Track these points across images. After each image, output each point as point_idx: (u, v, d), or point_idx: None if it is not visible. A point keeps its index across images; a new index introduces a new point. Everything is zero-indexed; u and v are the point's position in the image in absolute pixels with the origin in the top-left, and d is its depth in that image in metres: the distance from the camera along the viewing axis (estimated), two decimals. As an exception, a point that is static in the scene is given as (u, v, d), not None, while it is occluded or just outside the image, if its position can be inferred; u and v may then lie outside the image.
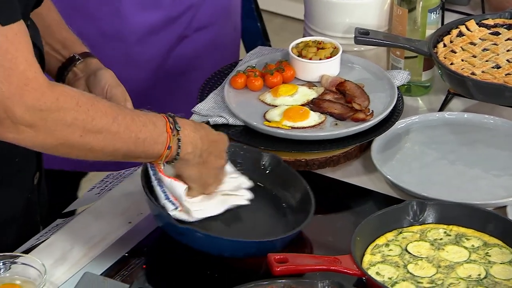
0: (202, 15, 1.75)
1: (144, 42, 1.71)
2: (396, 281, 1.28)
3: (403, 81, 1.64)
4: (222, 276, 1.31)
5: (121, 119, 1.24)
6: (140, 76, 1.73)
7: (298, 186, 1.41)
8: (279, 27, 3.56)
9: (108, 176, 1.53)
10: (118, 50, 1.69)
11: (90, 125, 1.20)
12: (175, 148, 1.28)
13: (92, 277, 1.22)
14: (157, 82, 1.75)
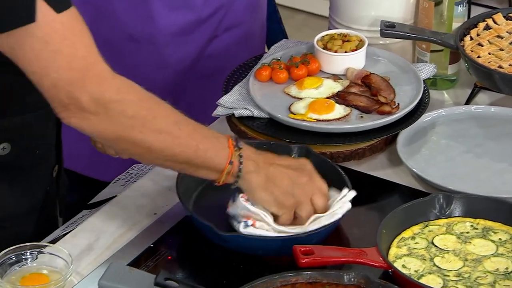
0: (232, 14, 1.75)
1: (175, 44, 1.71)
2: (422, 274, 1.28)
3: (429, 74, 1.64)
4: (247, 267, 1.32)
5: (183, 125, 1.24)
6: (171, 77, 1.73)
7: (332, 175, 1.40)
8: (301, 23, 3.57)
9: (133, 167, 1.55)
10: (149, 53, 1.69)
11: (151, 123, 1.21)
12: (237, 164, 1.27)
13: (119, 267, 1.23)
14: (188, 83, 1.75)
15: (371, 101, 1.57)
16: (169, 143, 1.22)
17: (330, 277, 1.25)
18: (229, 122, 1.60)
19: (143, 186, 1.48)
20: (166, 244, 1.36)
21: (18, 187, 1.38)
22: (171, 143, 1.22)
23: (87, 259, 1.34)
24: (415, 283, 1.25)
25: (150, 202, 1.45)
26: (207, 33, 1.72)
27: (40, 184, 1.42)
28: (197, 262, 1.34)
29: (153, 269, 1.31)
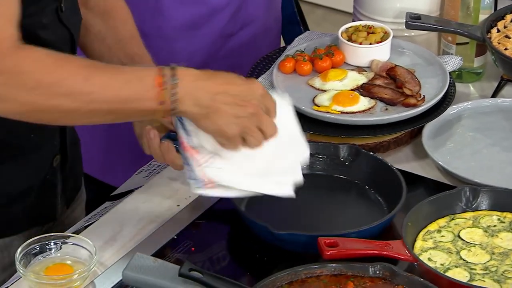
0: (246, 9, 1.74)
1: (185, 38, 1.70)
2: (448, 267, 1.28)
3: (455, 66, 1.64)
4: (271, 259, 1.33)
5: (96, 79, 1.18)
6: None
7: (384, 171, 1.41)
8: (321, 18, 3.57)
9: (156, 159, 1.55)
10: (160, 48, 1.68)
11: (57, 88, 1.16)
12: (169, 102, 1.19)
13: (143, 258, 1.24)
14: None
15: (396, 93, 1.57)
16: (82, 102, 1.17)
17: (355, 270, 1.25)
18: (252, 114, 1.60)
19: (166, 177, 1.49)
20: (189, 236, 1.37)
21: (11, 169, 1.36)
22: (83, 101, 1.17)
23: (110, 250, 1.35)
24: (442, 276, 1.25)
25: (173, 193, 1.46)
26: (219, 28, 1.71)
27: (37, 171, 1.40)
28: (220, 253, 1.35)
29: (177, 260, 1.32)
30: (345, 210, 1.41)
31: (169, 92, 1.20)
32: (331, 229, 1.36)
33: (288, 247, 1.32)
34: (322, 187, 1.45)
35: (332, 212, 1.41)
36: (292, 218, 1.39)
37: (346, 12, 3.29)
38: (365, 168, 1.45)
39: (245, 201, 1.40)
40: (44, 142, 1.39)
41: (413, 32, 1.72)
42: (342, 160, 1.46)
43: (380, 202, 1.41)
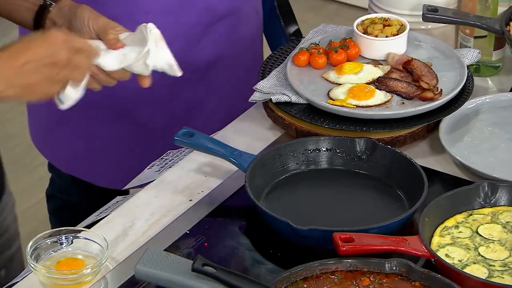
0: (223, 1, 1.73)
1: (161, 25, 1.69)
2: (466, 264, 1.28)
3: (473, 60, 1.64)
4: (285, 255, 1.33)
5: None
6: None
7: (403, 165, 1.42)
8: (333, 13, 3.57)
9: (167, 153, 1.56)
10: None
11: None
12: None
13: (155, 253, 1.24)
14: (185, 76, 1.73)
15: (413, 87, 1.56)
16: None
17: (371, 265, 1.25)
18: (265, 108, 1.60)
19: (178, 172, 1.50)
20: (202, 231, 1.37)
21: None
22: None
23: (122, 245, 1.36)
24: (460, 272, 1.25)
25: (185, 188, 1.46)
26: (195, 16, 1.67)
27: None
28: (233, 249, 1.35)
29: (189, 255, 1.32)
30: (364, 205, 1.41)
31: None
32: (351, 224, 1.35)
33: (308, 242, 1.32)
34: (339, 182, 1.45)
35: (351, 207, 1.41)
36: (310, 214, 1.40)
37: (359, 7, 3.29)
38: (383, 161, 1.45)
39: (262, 197, 1.41)
40: None
41: (430, 24, 1.72)
42: (359, 154, 1.46)
43: (400, 197, 1.41)
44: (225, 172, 1.48)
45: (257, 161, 1.43)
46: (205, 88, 1.73)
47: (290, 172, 1.46)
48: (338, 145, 1.47)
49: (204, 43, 1.70)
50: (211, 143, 1.46)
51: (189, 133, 1.47)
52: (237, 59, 1.75)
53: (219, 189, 1.46)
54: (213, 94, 1.74)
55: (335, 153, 1.47)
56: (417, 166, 1.41)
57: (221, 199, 1.43)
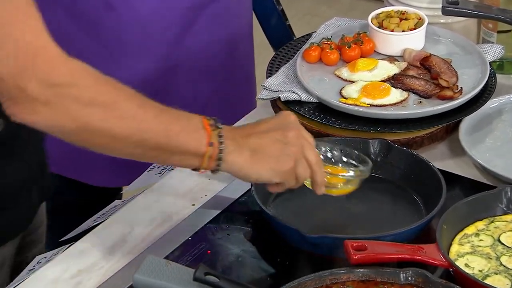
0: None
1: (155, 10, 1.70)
2: (487, 274, 1.28)
3: (496, 56, 1.63)
4: (294, 263, 1.33)
5: (148, 108, 1.21)
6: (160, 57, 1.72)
7: (419, 168, 1.41)
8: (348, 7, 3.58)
9: (169, 155, 1.55)
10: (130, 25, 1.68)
11: (112, 109, 1.18)
12: (217, 146, 1.23)
13: (155, 261, 1.24)
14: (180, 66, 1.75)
15: (431, 85, 1.56)
16: (134, 128, 1.20)
17: (385, 275, 1.25)
18: (274, 106, 1.60)
19: (180, 175, 1.49)
20: (205, 238, 1.37)
21: (16, 162, 1.39)
22: (136, 128, 1.20)
23: (120, 252, 1.36)
24: (480, 283, 1.24)
25: (187, 192, 1.46)
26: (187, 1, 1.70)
27: (34, 156, 1.43)
28: (238, 257, 1.35)
29: (191, 264, 1.32)
30: (378, 211, 1.41)
31: (216, 134, 1.24)
32: (364, 232, 1.36)
33: (318, 251, 1.32)
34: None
35: (364, 213, 1.41)
36: (320, 220, 1.40)
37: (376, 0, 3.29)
38: (398, 164, 1.44)
39: (270, 202, 1.41)
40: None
41: (450, 18, 1.72)
42: (373, 157, 1.46)
43: (417, 202, 1.41)
44: (230, 175, 1.44)
45: None
46: (200, 75, 1.75)
47: (299, 175, 1.46)
48: (351, 147, 1.46)
49: (198, 26, 1.71)
50: (215, 144, 1.46)
51: None
52: (231, 43, 1.75)
53: (224, 193, 1.46)
54: (210, 81, 1.75)
55: (345, 154, 1.45)
56: (435, 170, 1.41)
57: (225, 204, 1.43)
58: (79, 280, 1.31)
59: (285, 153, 1.28)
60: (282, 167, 1.27)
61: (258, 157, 1.26)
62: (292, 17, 2.06)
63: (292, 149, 1.28)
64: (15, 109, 1.16)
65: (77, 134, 1.19)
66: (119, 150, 1.22)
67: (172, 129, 1.22)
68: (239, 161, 1.25)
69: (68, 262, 1.34)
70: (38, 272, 1.33)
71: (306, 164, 1.29)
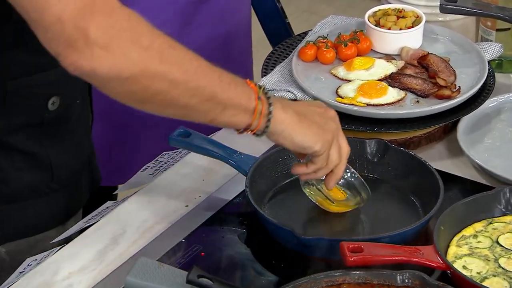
0: None
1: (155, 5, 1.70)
2: (485, 276, 1.27)
3: (494, 54, 1.63)
4: (289, 266, 1.33)
5: (200, 58, 1.22)
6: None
7: (417, 169, 1.41)
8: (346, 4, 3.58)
9: (162, 155, 1.55)
10: None
11: (170, 53, 1.18)
12: (265, 101, 1.24)
13: (147, 263, 1.24)
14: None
15: (429, 84, 1.56)
16: (192, 72, 1.20)
17: (381, 278, 1.24)
18: (269, 106, 1.60)
19: (174, 175, 1.49)
20: (198, 239, 1.37)
21: (69, 143, 1.42)
22: (194, 72, 1.20)
23: (111, 254, 1.35)
24: (478, 286, 1.24)
25: (181, 193, 1.46)
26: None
27: (86, 138, 1.46)
28: (232, 259, 1.35)
29: (184, 266, 1.32)
30: (374, 212, 1.41)
31: (262, 91, 1.25)
32: (360, 233, 1.36)
33: (313, 253, 1.32)
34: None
35: (360, 214, 1.40)
36: (316, 221, 1.39)
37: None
38: (395, 165, 1.44)
39: (264, 203, 1.41)
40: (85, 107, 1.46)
41: (448, 16, 1.72)
42: (370, 157, 1.46)
43: (414, 203, 1.41)
44: (224, 175, 1.48)
45: (258, 164, 1.43)
46: None
47: (294, 176, 1.45)
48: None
49: (196, 22, 1.71)
50: (209, 144, 1.46)
51: (186, 133, 1.46)
52: (229, 39, 1.76)
53: (218, 194, 1.46)
54: None
55: None
56: (432, 170, 1.41)
57: (219, 205, 1.43)
58: (70, 282, 1.31)
59: (327, 126, 1.30)
60: (325, 136, 1.29)
61: (303, 119, 1.28)
62: (291, 15, 2.06)
63: (332, 125, 1.30)
64: (73, 56, 1.14)
65: (135, 80, 1.17)
66: (176, 100, 1.20)
67: (224, 79, 1.23)
68: (286, 119, 1.26)
69: (59, 265, 1.33)
70: (28, 275, 1.32)
71: (339, 149, 1.31)
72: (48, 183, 1.41)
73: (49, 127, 1.39)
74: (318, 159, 1.30)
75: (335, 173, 1.33)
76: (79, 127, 1.46)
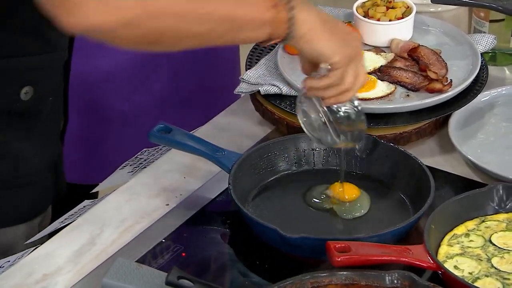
0: None
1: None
2: (478, 277, 1.27)
3: (488, 46, 1.63)
4: (273, 266, 1.32)
5: None
6: None
7: (407, 166, 1.41)
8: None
9: (143, 151, 1.55)
10: None
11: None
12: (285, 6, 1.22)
13: (125, 264, 1.23)
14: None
15: (419, 77, 1.56)
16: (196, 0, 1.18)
17: (370, 278, 1.24)
18: (253, 100, 1.60)
19: (154, 172, 1.49)
20: (179, 239, 1.37)
21: (37, 138, 1.42)
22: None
23: (88, 255, 1.35)
24: (470, 287, 1.24)
25: (161, 191, 1.46)
26: None
27: (55, 140, 1.46)
28: (215, 259, 1.35)
29: (165, 267, 1.31)
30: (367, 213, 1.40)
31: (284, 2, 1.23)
32: (347, 232, 1.35)
33: (298, 253, 1.31)
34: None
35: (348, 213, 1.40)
36: (302, 220, 1.39)
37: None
38: (384, 161, 1.44)
39: (248, 201, 1.41)
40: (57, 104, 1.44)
41: (440, 7, 1.72)
42: (358, 153, 1.45)
43: (404, 201, 1.41)
44: (207, 173, 1.48)
45: (242, 161, 1.42)
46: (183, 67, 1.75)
47: (280, 173, 1.46)
48: None
49: None
50: (191, 140, 1.45)
51: (166, 129, 1.46)
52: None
53: (200, 192, 1.45)
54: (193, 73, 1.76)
55: (330, 151, 1.46)
56: (423, 167, 1.41)
57: (201, 204, 1.43)
58: (45, 285, 1.30)
59: (351, 42, 1.30)
60: (346, 50, 1.28)
61: (327, 28, 1.27)
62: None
63: (356, 43, 1.31)
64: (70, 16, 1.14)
65: (139, 23, 1.16)
66: (186, 32, 1.19)
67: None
68: (310, 22, 1.25)
69: (33, 266, 1.33)
70: (0, 277, 1.31)
71: (356, 74, 1.30)
72: (13, 175, 1.41)
73: (17, 117, 1.38)
74: (333, 74, 1.28)
75: (341, 97, 1.31)
76: (48, 126, 1.45)
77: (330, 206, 1.40)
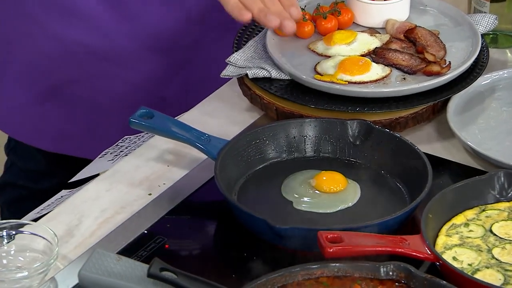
0: None
1: None
2: (478, 268, 1.28)
3: (488, 27, 1.63)
4: (261, 258, 1.32)
5: None
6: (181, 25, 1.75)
7: (403, 152, 1.41)
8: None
9: (124, 139, 1.55)
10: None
11: None
12: None
13: (104, 256, 1.23)
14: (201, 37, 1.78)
15: (416, 59, 1.56)
16: None
17: (363, 270, 1.24)
18: (241, 84, 1.59)
19: (136, 161, 1.49)
20: (162, 230, 1.36)
21: None
22: None
23: (66, 247, 1.34)
24: (470, 278, 1.24)
25: (143, 180, 1.46)
26: None
27: None
28: (199, 251, 1.35)
29: (147, 260, 1.30)
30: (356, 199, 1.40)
31: None
32: (340, 222, 1.35)
33: (288, 244, 1.31)
34: (327, 173, 1.45)
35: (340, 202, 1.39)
36: (292, 210, 1.39)
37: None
38: (379, 148, 1.44)
39: (235, 190, 1.40)
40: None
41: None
42: (351, 140, 1.45)
43: (400, 189, 1.41)
44: (191, 161, 1.48)
45: (229, 148, 1.42)
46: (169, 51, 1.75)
47: (269, 161, 1.46)
48: (326, 129, 1.46)
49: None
50: (174, 126, 1.45)
51: (148, 114, 1.45)
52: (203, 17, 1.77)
53: (184, 181, 1.45)
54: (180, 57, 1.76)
55: (322, 138, 1.46)
56: (420, 154, 1.41)
57: (186, 193, 1.43)
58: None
59: None
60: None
61: None
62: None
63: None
64: None
65: None
66: None
67: None
68: None
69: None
70: (-28, 270, 1.31)
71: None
72: None
73: None
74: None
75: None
76: None
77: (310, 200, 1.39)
